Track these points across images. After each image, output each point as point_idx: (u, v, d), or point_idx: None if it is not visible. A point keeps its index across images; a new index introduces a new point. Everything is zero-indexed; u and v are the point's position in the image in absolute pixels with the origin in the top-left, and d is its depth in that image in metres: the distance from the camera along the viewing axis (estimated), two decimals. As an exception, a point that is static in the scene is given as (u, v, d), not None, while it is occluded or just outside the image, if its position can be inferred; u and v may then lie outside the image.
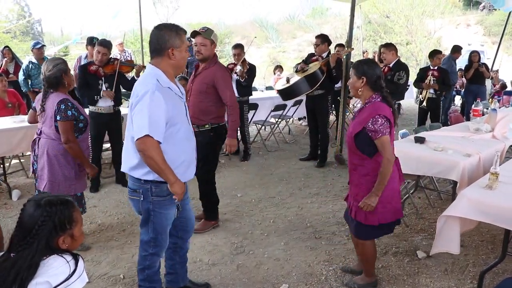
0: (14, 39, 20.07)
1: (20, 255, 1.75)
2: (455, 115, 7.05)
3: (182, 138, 2.62)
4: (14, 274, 1.71)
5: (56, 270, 1.76)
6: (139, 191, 2.64)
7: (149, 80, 2.50)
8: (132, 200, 2.72)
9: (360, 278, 3.35)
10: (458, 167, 3.88)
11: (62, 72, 3.46)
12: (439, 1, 25.46)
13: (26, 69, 7.10)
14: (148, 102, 2.39)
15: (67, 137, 3.44)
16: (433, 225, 4.43)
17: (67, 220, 1.83)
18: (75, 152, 3.50)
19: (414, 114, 9.65)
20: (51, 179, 3.53)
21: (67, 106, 3.42)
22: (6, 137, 5.05)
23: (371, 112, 2.87)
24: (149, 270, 2.84)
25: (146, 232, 2.76)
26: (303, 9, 32.74)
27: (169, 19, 31.47)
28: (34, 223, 1.77)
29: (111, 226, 4.43)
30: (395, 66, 6.03)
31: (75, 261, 1.84)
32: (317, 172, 6.29)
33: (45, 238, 1.77)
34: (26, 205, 1.83)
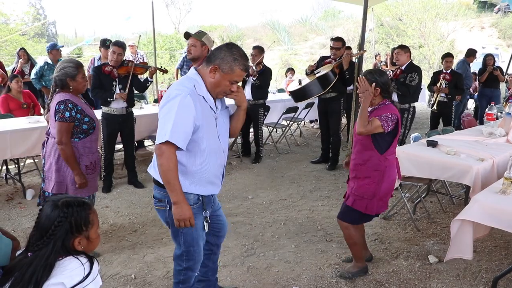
0: (29, 40, 20.30)
1: (36, 255, 1.77)
2: (468, 119, 6.98)
3: (208, 151, 2.48)
4: (30, 273, 1.73)
5: (71, 272, 1.78)
6: (164, 201, 2.52)
7: (186, 83, 2.42)
8: (158, 210, 2.61)
9: (352, 266, 3.54)
10: (471, 172, 3.85)
11: (67, 77, 3.35)
12: (452, 3, 25.30)
13: (41, 69, 7.18)
14: (178, 105, 2.31)
15: (60, 139, 3.32)
16: (445, 229, 4.40)
17: (83, 222, 1.86)
18: (65, 155, 3.35)
19: (426, 118, 9.60)
20: (58, 180, 3.43)
21: (66, 107, 3.31)
22: (21, 138, 5.14)
23: (387, 109, 3.17)
24: (183, 285, 2.72)
25: (178, 245, 2.65)
26: (315, 12, 32.77)
27: (182, 22, 31.70)
28: (50, 223, 1.79)
29: (122, 226, 4.46)
30: (407, 68, 6.00)
31: (90, 263, 1.85)
32: (328, 175, 6.28)
33: (61, 239, 1.80)
34: (44, 206, 1.85)
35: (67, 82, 3.36)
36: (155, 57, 10.17)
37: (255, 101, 6.63)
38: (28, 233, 4.10)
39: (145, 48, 18.56)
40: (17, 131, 5.14)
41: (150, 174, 2.58)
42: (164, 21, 30.35)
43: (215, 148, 2.53)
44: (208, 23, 28.54)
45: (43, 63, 7.30)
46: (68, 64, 3.40)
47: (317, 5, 32.15)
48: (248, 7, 50.73)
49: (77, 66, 3.42)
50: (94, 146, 3.56)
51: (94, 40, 17.35)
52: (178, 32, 27.55)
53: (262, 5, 42.44)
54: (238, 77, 2.45)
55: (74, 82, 3.38)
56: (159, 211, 2.59)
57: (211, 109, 2.49)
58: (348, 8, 28.94)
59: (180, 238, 2.59)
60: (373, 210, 3.28)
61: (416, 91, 6.09)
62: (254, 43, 21.74)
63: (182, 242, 2.61)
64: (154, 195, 2.58)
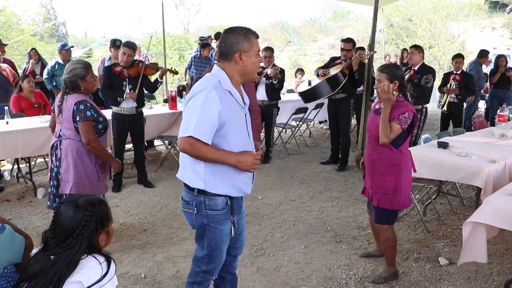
0: (40, 41, 20.47)
1: (60, 256, 1.80)
2: (479, 120, 6.93)
3: (236, 147, 2.39)
4: (54, 272, 1.76)
5: (89, 271, 1.81)
6: (192, 203, 2.46)
7: (210, 79, 2.37)
8: (185, 212, 2.55)
9: (384, 271, 3.50)
10: (483, 173, 3.82)
11: (77, 78, 3.37)
12: (463, 4, 25.10)
13: (52, 69, 7.23)
14: (202, 100, 2.26)
15: (88, 137, 3.36)
16: (455, 231, 4.37)
17: (105, 218, 1.93)
18: (98, 152, 3.44)
19: (437, 119, 9.54)
20: (77, 180, 3.44)
21: (86, 107, 3.34)
22: (33, 137, 5.18)
23: (404, 107, 3.19)
24: (199, 286, 2.69)
25: (201, 248, 2.59)
26: (324, 12, 32.63)
27: (191, 22, 31.78)
28: (77, 224, 1.83)
29: (132, 225, 4.48)
30: (420, 69, 5.96)
31: (108, 262, 1.88)
32: (338, 176, 6.26)
33: (87, 237, 1.84)
34: (62, 208, 1.87)
35: (77, 83, 3.38)
36: (164, 57, 10.20)
37: (270, 101, 6.64)
38: (39, 231, 4.17)
39: (155, 48, 18.63)
40: (28, 131, 5.19)
41: (180, 178, 2.50)
42: (173, 22, 30.40)
43: (245, 144, 2.47)
44: (217, 23, 28.51)
45: (54, 63, 7.36)
46: (77, 65, 3.42)
47: (326, 5, 31.97)
48: (257, 7, 50.67)
49: (86, 66, 3.44)
50: (105, 145, 3.60)
51: (105, 41, 17.46)
52: (187, 32, 27.62)
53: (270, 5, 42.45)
54: (258, 45, 2.44)
55: (84, 83, 3.40)
56: (186, 213, 2.54)
57: (239, 104, 2.45)
58: (358, 9, 28.76)
59: (204, 241, 2.54)
60: (399, 205, 3.31)
61: (430, 93, 6.07)
62: (263, 43, 21.72)
63: (205, 246, 2.55)
64: (182, 197, 2.53)
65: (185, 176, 2.45)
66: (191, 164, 2.40)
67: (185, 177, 2.45)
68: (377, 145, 3.27)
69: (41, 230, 3.35)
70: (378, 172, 3.29)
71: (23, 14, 20.85)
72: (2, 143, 4.98)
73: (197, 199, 2.44)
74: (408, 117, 3.16)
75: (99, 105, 5.51)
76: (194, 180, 2.41)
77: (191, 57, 9.16)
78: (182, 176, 2.47)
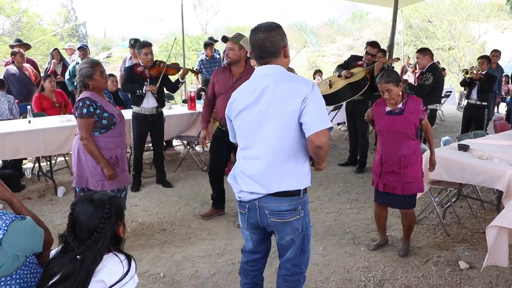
0: (61, 41, 20.76)
1: (87, 254, 1.84)
2: (500, 123, 6.83)
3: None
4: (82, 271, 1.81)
5: (110, 270, 1.85)
6: (299, 208, 2.37)
7: (296, 76, 2.39)
8: (288, 224, 2.37)
9: (404, 244, 3.94)
10: (505, 177, 3.76)
11: (85, 77, 3.49)
12: (484, 4, 24.74)
13: (73, 70, 7.35)
14: (319, 94, 2.24)
15: (82, 134, 3.47)
16: (475, 235, 4.32)
17: (121, 209, 2.02)
18: (89, 150, 3.49)
19: (456, 121, 9.43)
20: (78, 174, 3.59)
21: (84, 104, 3.44)
22: (53, 136, 5.27)
23: (416, 101, 3.62)
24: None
25: (304, 252, 2.51)
26: (342, 13, 32.45)
27: (209, 23, 31.91)
28: (99, 218, 1.88)
29: (151, 225, 4.52)
30: (426, 70, 5.92)
31: (128, 261, 1.91)
32: (356, 177, 6.23)
33: (110, 230, 1.90)
34: (79, 207, 1.92)
35: (86, 82, 3.51)
36: (183, 58, 10.30)
37: None
38: (59, 229, 4.22)
39: (173, 49, 18.74)
40: (49, 129, 5.27)
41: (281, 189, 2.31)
42: (192, 22, 30.56)
43: None
44: (235, 24, 28.57)
45: (74, 63, 7.47)
46: (84, 65, 3.54)
47: (344, 6, 31.71)
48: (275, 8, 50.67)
49: (93, 65, 3.53)
50: (115, 141, 3.63)
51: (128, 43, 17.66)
52: (206, 33, 27.73)
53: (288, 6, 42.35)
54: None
55: (92, 81, 3.51)
56: (292, 222, 2.38)
57: None
58: (376, 10, 28.48)
59: (305, 240, 2.48)
60: (423, 188, 3.74)
61: (432, 92, 5.94)
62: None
63: (306, 243, 2.50)
64: (285, 209, 2.34)
65: (288, 184, 2.32)
66: (298, 166, 2.33)
67: (289, 184, 2.32)
68: (403, 141, 3.58)
69: (62, 228, 3.41)
70: (407, 164, 3.57)
71: (45, 14, 21.21)
72: (24, 142, 5.07)
73: (302, 199, 2.38)
74: (423, 107, 3.63)
75: (119, 105, 5.56)
76: (301, 181, 2.35)
77: (198, 62, 9.28)
78: (284, 185, 2.31)
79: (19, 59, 7.01)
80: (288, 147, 2.28)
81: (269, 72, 2.32)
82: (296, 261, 2.51)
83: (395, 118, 3.59)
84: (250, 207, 2.43)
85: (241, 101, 2.38)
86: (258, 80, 2.35)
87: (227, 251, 3.96)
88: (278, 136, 2.27)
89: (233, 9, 50.44)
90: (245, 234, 2.63)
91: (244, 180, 2.39)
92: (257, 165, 2.32)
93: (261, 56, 2.35)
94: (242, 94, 2.39)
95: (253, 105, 2.31)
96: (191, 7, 30.65)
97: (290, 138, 2.27)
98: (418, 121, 3.58)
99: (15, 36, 13.53)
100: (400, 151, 3.57)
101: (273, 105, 2.26)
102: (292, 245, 2.46)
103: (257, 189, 2.33)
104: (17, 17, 18.06)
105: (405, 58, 14.02)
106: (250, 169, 2.35)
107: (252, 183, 2.35)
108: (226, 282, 3.46)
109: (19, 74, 6.96)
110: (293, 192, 2.33)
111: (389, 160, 3.65)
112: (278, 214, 2.35)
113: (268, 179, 2.31)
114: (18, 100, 6.58)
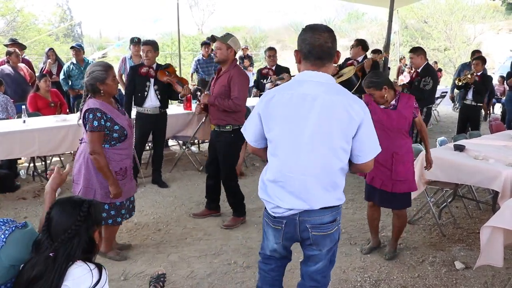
0: (56, 41, 20.70)
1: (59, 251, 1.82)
2: (496, 124, 6.83)
3: None
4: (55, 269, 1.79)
5: (79, 278, 1.81)
6: (337, 219, 2.30)
7: (346, 90, 2.21)
8: (329, 236, 2.29)
9: (392, 246, 3.91)
10: (500, 177, 3.77)
11: (97, 81, 3.23)
12: (480, 5, 24.84)
13: (67, 69, 7.31)
14: (369, 115, 2.15)
15: (93, 148, 3.22)
16: (471, 235, 4.32)
17: (99, 215, 2.02)
18: (99, 165, 3.25)
19: (452, 122, 9.46)
20: (86, 185, 3.33)
21: (94, 116, 3.19)
22: (49, 136, 5.24)
23: (408, 98, 3.62)
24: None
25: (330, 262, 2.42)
26: (339, 14, 32.51)
27: (205, 23, 31.91)
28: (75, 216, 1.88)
29: (147, 225, 4.50)
30: (423, 71, 5.95)
31: (99, 270, 1.88)
32: (352, 178, 6.21)
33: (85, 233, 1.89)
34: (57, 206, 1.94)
35: (97, 87, 3.26)
36: (179, 58, 10.27)
37: None
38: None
39: (169, 49, 18.73)
40: (44, 129, 5.23)
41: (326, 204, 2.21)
42: (188, 22, 30.55)
43: None
44: (231, 25, 28.60)
45: (69, 63, 7.44)
46: (97, 68, 3.29)
47: (340, 7, 31.79)
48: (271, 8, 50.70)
49: (106, 69, 3.31)
50: (125, 153, 3.46)
51: (123, 42, 17.65)
52: (202, 33, 27.72)
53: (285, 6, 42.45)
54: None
55: (104, 86, 3.28)
56: (333, 234, 2.31)
57: None
58: (372, 11, 28.55)
59: (335, 247, 2.41)
60: (415, 187, 3.69)
61: (430, 95, 6.04)
62: (278, 45, 21.75)
63: (334, 251, 2.42)
64: (327, 221, 2.25)
65: (333, 199, 2.23)
66: (341, 181, 2.25)
67: (334, 200, 2.23)
68: (396, 138, 3.57)
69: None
70: (399, 161, 3.56)
71: (40, 14, 21.15)
72: (19, 142, 5.03)
73: (340, 208, 2.33)
74: (416, 104, 3.62)
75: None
76: (342, 194, 2.29)
77: (195, 61, 9.27)
78: (329, 201, 2.22)
79: (14, 59, 6.97)
80: (337, 165, 2.17)
81: (322, 81, 2.14)
82: (326, 272, 2.42)
83: (389, 112, 3.57)
84: (288, 222, 2.28)
85: (286, 105, 2.15)
86: (308, 86, 2.14)
87: (223, 251, 3.95)
88: (328, 155, 2.14)
89: (229, 9, 50.47)
90: (275, 246, 2.46)
91: (283, 195, 2.22)
92: (302, 182, 2.17)
93: (321, 56, 2.14)
94: (287, 98, 2.16)
95: (304, 115, 2.12)
96: (187, 7, 30.67)
97: (338, 156, 2.15)
98: (411, 116, 3.58)
99: (9, 36, 13.48)
100: (393, 148, 3.54)
101: (327, 121, 2.10)
102: (325, 256, 2.36)
103: (299, 205, 2.20)
104: (12, 17, 18.01)
105: (402, 60, 14.05)
106: (292, 185, 2.19)
107: (293, 199, 2.20)
108: (221, 282, 3.45)
109: (14, 74, 6.92)
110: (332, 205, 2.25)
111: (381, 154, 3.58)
112: (320, 227, 2.25)
113: (313, 196, 2.19)
114: (13, 100, 6.54)
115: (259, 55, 23.14)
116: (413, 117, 3.61)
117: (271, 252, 2.51)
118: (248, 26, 29.86)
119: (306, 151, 2.13)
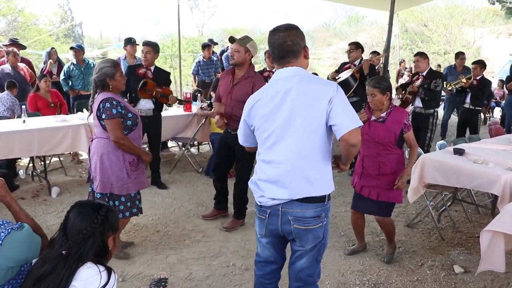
0: (57, 41, 20.69)
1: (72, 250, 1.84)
2: (495, 127, 6.84)
3: None
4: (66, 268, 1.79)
5: (87, 279, 1.82)
6: (322, 215, 2.32)
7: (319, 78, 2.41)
8: (312, 231, 2.31)
9: (389, 248, 3.89)
10: (500, 181, 3.76)
11: (107, 76, 3.39)
12: (479, 10, 24.88)
13: (68, 70, 7.30)
14: (343, 94, 2.20)
15: (116, 135, 3.34)
16: (470, 239, 4.32)
17: (116, 221, 2.01)
18: (127, 148, 3.41)
19: (451, 125, 9.45)
20: (102, 179, 3.43)
21: (111, 104, 3.34)
22: (48, 136, 5.23)
23: (401, 113, 3.65)
24: None
25: (317, 262, 2.44)
26: (339, 17, 32.50)
27: (205, 25, 31.91)
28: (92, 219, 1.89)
29: (145, 226, 4.50)
30: (428, 74, 5.97)
31: (108, 273, 1.89)
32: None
33: (101, 234, 1.90)
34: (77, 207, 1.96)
35: (106, 82, 3.41)
36: (179, 59, 10.27)
37: None
38: (52, 230, 4.19)
39: (169, 50, 18.73)
40: (44, 130, 5.23)
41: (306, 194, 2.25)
42: (188, 24, 30.56)
43: None
44: (232, 26, 28.56)
45: (69, 63, 7.43)
46: (106, 64, 3.46)
47: (341, 10, 31.76)
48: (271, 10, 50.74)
49: (115, 65, 3.49)
50: (136, 143, 3.54)
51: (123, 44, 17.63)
52: (202, 35, 27.71)
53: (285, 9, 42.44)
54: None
55: (113, 81, 3.43)
56: (316, 230, 2.32)
57: None
58: (372, 14, 28.55)
59: (322, 248, 2.42)
60: (400, 198, 3.70)
61: (439, 97, 6.10)
62: (277, 47, 21.63)
63: (322, 252, 2.44)
64: (310, 215, 2.28)
65: (314, 190, 2.26)
66: (323, 170, 2.28)
67: (314, 190, 2.26)
68: (382, 149, 3.61)
69: (55, 229, 3.36)
70: (388, 171, 3.60)
71: (41, 14, 21.15)
72: (18, 141, 5.02)
73: (327, 206, 2.33)
74: (408, 120, 3.63)
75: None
76: (326, 186, 2.30)
77: (196, 63, 9.28)
78: (309, 191, 2.25)
79: (12, 58, 6.96)
80: (314, 151, 2.24)
81: (292, 74, 2.26)
82: (310, 270, 2.43)
83: (377, 125, 3.62)
84: (271, 213, 2.35)
85: (263, 106, 2.29)
86: (280, 83, 2.27)
87: (221, 253, 3.94)
88: (303, 140, 2.22)
89: (229, 11, 50.48)
90: (262, 242, 2.53)
91: (267, 185, 2.32)
92: (281, 170, 2.25)
93: (282, 55, 2.28)
94: (264, 99, 2.29)
95: (277, 109, 2.24)
96: (187, 8, 30.66)
97: (315, 142, 2.22)
98: (399, 131, 3.57)
99: (10, 36, 13.48)
100: (379, 157, 3.62)
101: (298, 109, 2.20)
102: (309, 253, 2.38)
103: (281, 195, 2.27)
104: (13, 17, 18.01)
105: (402, 63, 14.07)
106: (274, 174, 2.28)
107: (275, 188, 2.28)
108: (220, 284, 3.44)
109: (13, 73, 6.91)
110: (318, 198, 2.27)
111: (369, 163, 3.68)
112: (302, 220, 2.28)
113: (293, 184, 2.25)
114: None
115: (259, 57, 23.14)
116: (401, 132, 3.59)
117: (263, 257, 2.58)
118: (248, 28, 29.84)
119: (284, 141, 2.25)
